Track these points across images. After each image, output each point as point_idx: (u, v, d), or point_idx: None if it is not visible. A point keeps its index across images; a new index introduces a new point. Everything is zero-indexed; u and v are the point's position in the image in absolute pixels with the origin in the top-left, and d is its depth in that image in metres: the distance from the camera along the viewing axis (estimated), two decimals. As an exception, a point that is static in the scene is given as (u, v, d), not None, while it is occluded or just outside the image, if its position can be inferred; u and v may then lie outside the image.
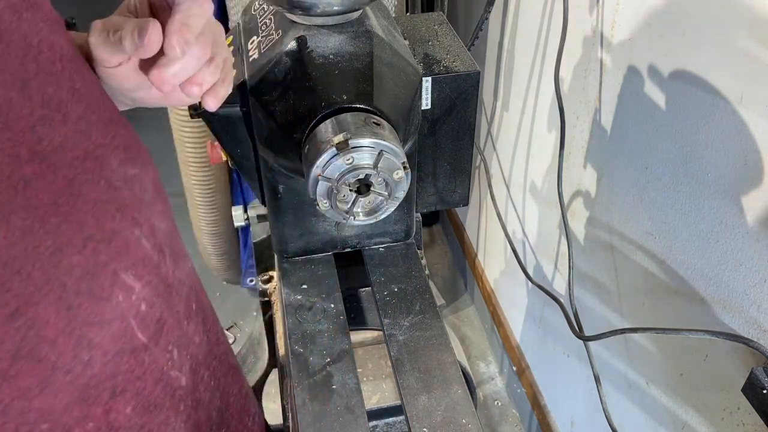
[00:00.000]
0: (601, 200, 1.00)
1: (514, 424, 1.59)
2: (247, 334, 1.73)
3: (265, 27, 0.64)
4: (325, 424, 0.56)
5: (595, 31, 0.93)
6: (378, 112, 0.55)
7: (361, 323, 0.74)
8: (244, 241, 1.78)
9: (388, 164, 0.52)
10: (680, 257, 0.81)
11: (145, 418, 0.48)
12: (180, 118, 1.41)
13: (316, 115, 0.54)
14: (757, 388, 0.64)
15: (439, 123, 0.70)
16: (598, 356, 1.07)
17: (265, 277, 0.85)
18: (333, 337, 0.63)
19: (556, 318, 1.26)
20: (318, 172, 0.51)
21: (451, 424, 0.55)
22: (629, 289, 0.96)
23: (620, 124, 0.91)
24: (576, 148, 1.06)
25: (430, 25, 0.75)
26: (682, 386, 0.86)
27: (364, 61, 0.57)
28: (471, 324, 1.84)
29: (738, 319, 0.72)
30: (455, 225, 1.94)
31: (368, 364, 1.54)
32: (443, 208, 0.79)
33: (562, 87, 1.06)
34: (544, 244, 1.27)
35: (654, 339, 0.91)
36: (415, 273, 0.70)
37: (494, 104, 1.46)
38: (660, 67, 0.79)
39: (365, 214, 0.57)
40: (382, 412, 0.90)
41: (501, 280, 1.61)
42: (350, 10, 0.58)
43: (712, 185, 0.73)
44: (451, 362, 0.61)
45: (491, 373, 1.71)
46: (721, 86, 0.69)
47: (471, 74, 0.67)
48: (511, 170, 1.41)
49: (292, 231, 0.70)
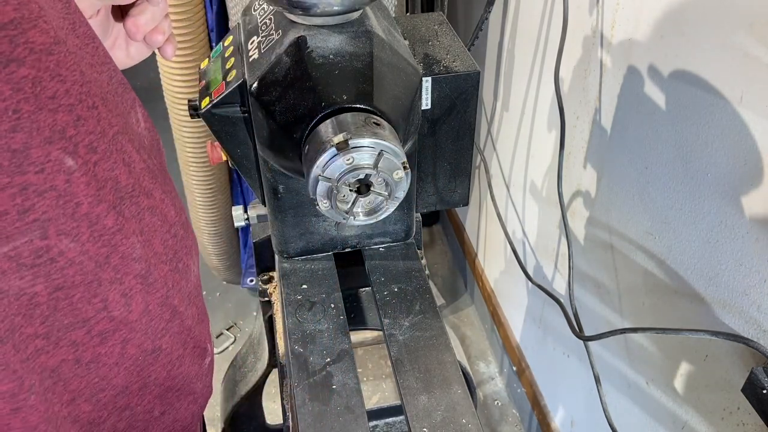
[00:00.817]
0: (601, 200, 1.00)
1: (514, 424, 1.59)
2: (247, 334, 1.73)
3: (265, 27, 0.64)
4: (325, 424, 0.56)
5: (595, 31, 0.93)
6: (378, 112, 0.55)
7: (361, 323, 0.74)
8: (244, 241, 1.78)
9: (388, 164, 0.52)
10: (680, 257, 0.81)
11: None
12: (180, 118, 1.41)
13: (316, 115, 0.54)
14: (757, 388, 0.64)
15: (439, 123, 0.70)
16: (598, 356, 1.07)
17: (265, 277, 0.85)
18: (333, 337, 0.63)
19: (556, 318, 1.27)
20: (318, 172, 0.51)
21: (451, 424, 0.55)
22: (629, 289, 0.96)
23: (620, 124, 0.91)
24: (576, 148, 1.06)
25: (430, 25, 0.75)
26: (682, 386, 0.86)
27: (364, 61, 0.57)
28: (471, 324, 1.84)
29: (738, 319, 0.72)
30: (455, 225, 1.94)
31: (368, 364, 1.55)
32: (443, 208, 0.79)
33: (562, 87, 1.06)
34: (544, 244, 1.27)
35: (654, 339, 0.91)
36: (415, 273, 0.70)
37: (494, 104, 1.46)
38: (660, 67, 0.79)
39: (365, 214, 0.57)
40: (382, 412, 0.90)
41: (501, 280, 1.61)
42: (350, 10, 0.58)
43: (712, 185, 0.73)
44: (451, 362, 0.61)
45: (491, 373, 1.72)
46: (721, 86, 0.69)
47: (471, 74, 0.67)
48: (511, 170, 1.41)
49: (292, 231, 0.70)
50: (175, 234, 0.48)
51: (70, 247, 0.39)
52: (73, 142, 0.37)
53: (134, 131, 0.45)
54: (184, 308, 0.51)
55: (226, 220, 1.65)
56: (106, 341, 0.44)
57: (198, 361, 0.55)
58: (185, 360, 0.52)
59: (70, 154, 0.37)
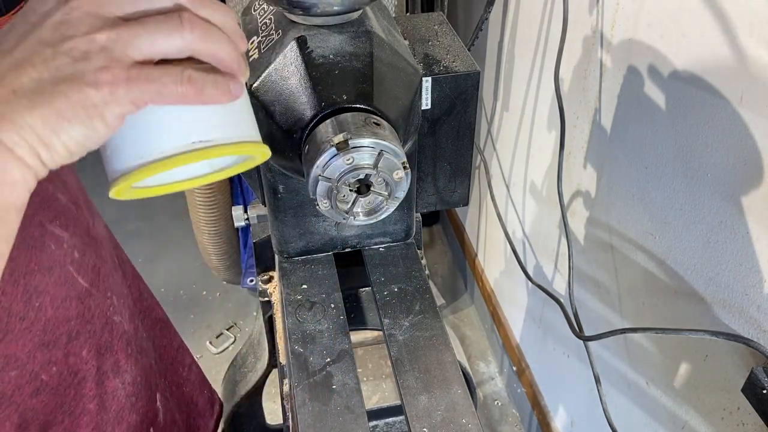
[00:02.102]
0: (601, 200, 1.00)
1: (514, 424, 1.59)
2: (247, 334, 1.73)
3: (265, 27, 0.64)
4: (325, 424, 0.56)
5: (595, 31, 0.93)
6: (378, 112, 0.55)
7: (361, 323, 0.74)
8: (244, 241, 1.78)
9: (388, 164, 0.52)
10: (680, 257, 0.81)
11: (98, 360, 0.51)
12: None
13: (316, 115, 0.54)
14: (757, 388, 0.64)
15: (439, 123, 0.70)
16: (598, 356, 1.07)
17: (265, 277, 0.85)
18: (333, 337, 0.63)
19: (556, 318, 1.27)
20: (318, 172, 0.51)
21: (451, 424, 0.55)
22: (629, 289, 0.96)
23: (620, 124, 0.91)
24: (576, 148, 1.06)
25: (430, 25, 0.75)
26: (682, 386, 0.86)
27: (364, 61, 0.57)
28: (471, 324, 1.84)
29: (738, 319, 0.72)
30: (455, 225, 1.94)
31: (368, 364, 1.55)
32: (443, 208, 0.79)
33: (562, 87, 1.06)
34: (544, 244, 1.27)
35: (654, 339, 0.91)
36: (415, 273, 0.70)
37: (494, 104, 1.46)
38: (660, 67, 0.79)
39: (365, 214, 0.57)
40: (382, 412, 0.90)
41: (501, 280, 1.61)
42: (350, 10, 0.58)
43: (712, 185, 0.73)
44: (451, 362, 0.61)
45: (491, 373, 1.72)
46: (721, 86, 0.69)
47: (471, 74, 0.67)
48: (511, 170, 1.41)
49: (292, 231, 0.70)
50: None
51: None
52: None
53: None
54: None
55: (226, 220, 1.65)
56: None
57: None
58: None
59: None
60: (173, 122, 0.37)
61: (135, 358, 0.57)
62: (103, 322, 0.52)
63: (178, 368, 0.72)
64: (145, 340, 0.63)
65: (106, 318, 0.52)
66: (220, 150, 0.39)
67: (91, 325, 0.50)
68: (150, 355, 0.63)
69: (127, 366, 0.55)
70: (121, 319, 0.55)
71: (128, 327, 0.56)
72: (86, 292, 0.50)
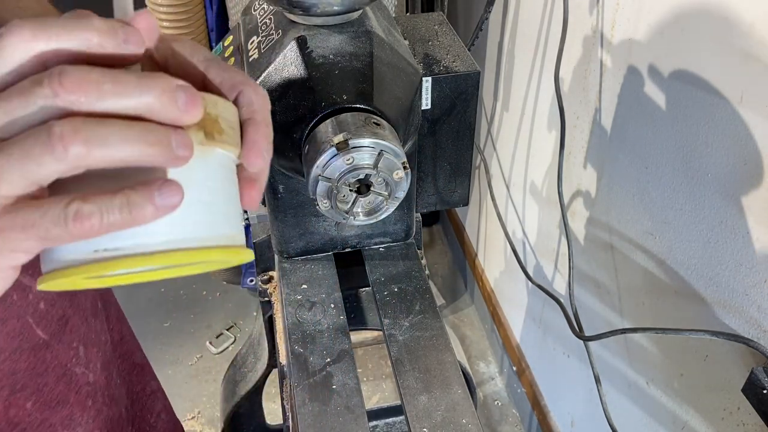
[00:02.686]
0: (601, 200, 1.00)
1: (514, 424, 1.59)
2: (247, 334, 1.73)
3: (265, 27, 0.64)
4: (325, 424, 0.56)
5: (595, 31, 0.93)
6: (378, 112, 0.55)
7: (361, 323, 0.74)
8: (244, 241, 1.78)
9: (388, 164, 0.52)
10: (680, 257, 0.81)
11: (46, 413, 0.48)
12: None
13: (316, 115, 0.54)
14: (757, 388, 0.64)
15: (439, 123, 0.70)
16: (598, 356, 1.07)
17: (265, 277, 0.85)
18: (333, 337, 0.63)
19: (556, 318, 1.26)
20: (318, 172, 0.51)
21: (451, 424, 0.55)
22: (629, 289, 0.96)
23: (620, 124, 0.91)
24: (576, 148, 1.06)
25: (430, 25, 0.75)
26: (682, 386, 0.86)
27: (364, 61, 0.57)
28: (471, 324, 1.84)
29: (738, 319, 0.72)
30: (455, 225, 1.94)
31: (368, 364, 1.55)
32: (443, 208, 0.79)
33: (562, 87, 1.06)
34: (544, 244, 1.27)
35: (654, 339, 0.91)
36: (415, 273, 0.70)
37: (494, 104, 1.46)
38: (660, 67, 0.79)
39: (365, 214, 0.57)
40: (382, 412, 0.90)
41: (501, 280, 1.61)
42: (350, 10, 0.58)
43: (712, 185, 0.73)
44: (451, 362, 0.61)
45: (491, 373, 1.72)
46: (721, 86, 0.69)
47: (471, 74, 0.67)
48: (511, 170, 1.41)
49: (292, 231, 0.70)
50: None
51: None
52: None
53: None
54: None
55: (226, 220, 1.65)
56: None
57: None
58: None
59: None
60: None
61: (98, 409, 0.55)
62: (60, 374, 0.50)
63: (147, 415, 0.70)
64: (119, 387, 0.61)
65: (64, 370, 0.50)
66: (145, 259, 0.29)
67: (42, 378, 0.48)
68: (122, 402, 0.61)
69: (82, 419, 0.52)
70: (84, 370, 0.53)
71: (97, 377, 0.54)
72: (43, 344, 0.48)
